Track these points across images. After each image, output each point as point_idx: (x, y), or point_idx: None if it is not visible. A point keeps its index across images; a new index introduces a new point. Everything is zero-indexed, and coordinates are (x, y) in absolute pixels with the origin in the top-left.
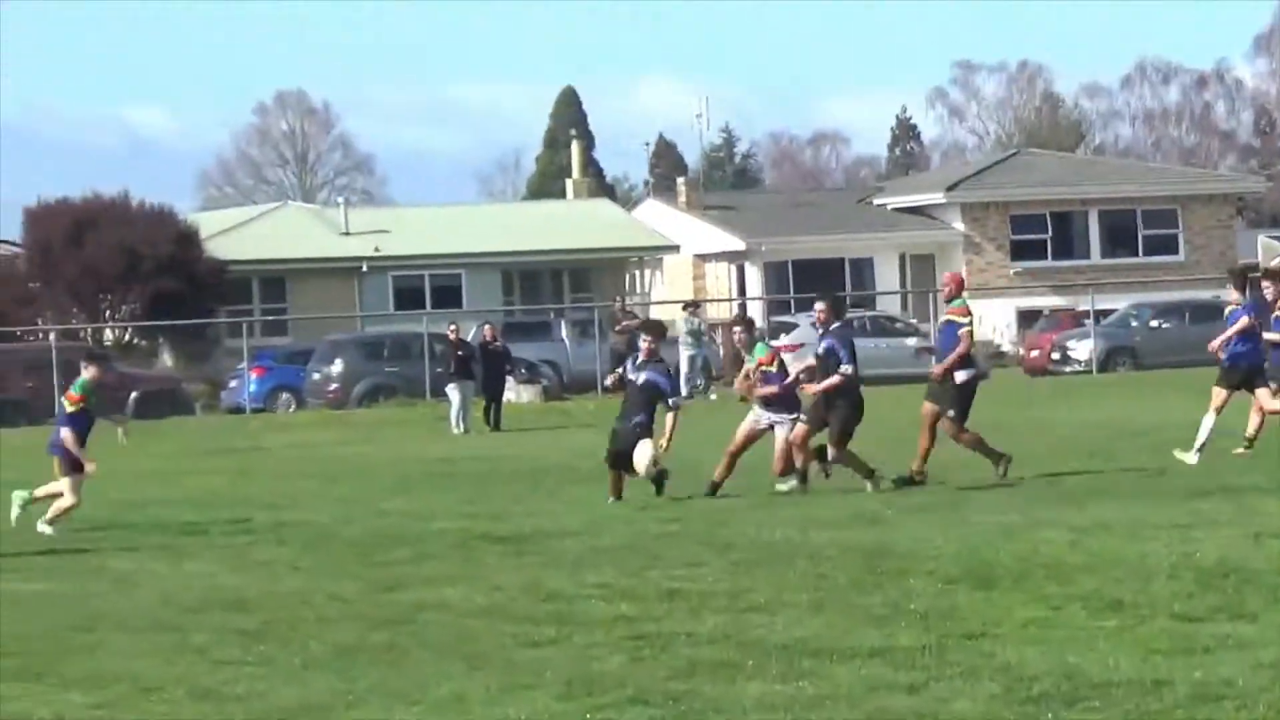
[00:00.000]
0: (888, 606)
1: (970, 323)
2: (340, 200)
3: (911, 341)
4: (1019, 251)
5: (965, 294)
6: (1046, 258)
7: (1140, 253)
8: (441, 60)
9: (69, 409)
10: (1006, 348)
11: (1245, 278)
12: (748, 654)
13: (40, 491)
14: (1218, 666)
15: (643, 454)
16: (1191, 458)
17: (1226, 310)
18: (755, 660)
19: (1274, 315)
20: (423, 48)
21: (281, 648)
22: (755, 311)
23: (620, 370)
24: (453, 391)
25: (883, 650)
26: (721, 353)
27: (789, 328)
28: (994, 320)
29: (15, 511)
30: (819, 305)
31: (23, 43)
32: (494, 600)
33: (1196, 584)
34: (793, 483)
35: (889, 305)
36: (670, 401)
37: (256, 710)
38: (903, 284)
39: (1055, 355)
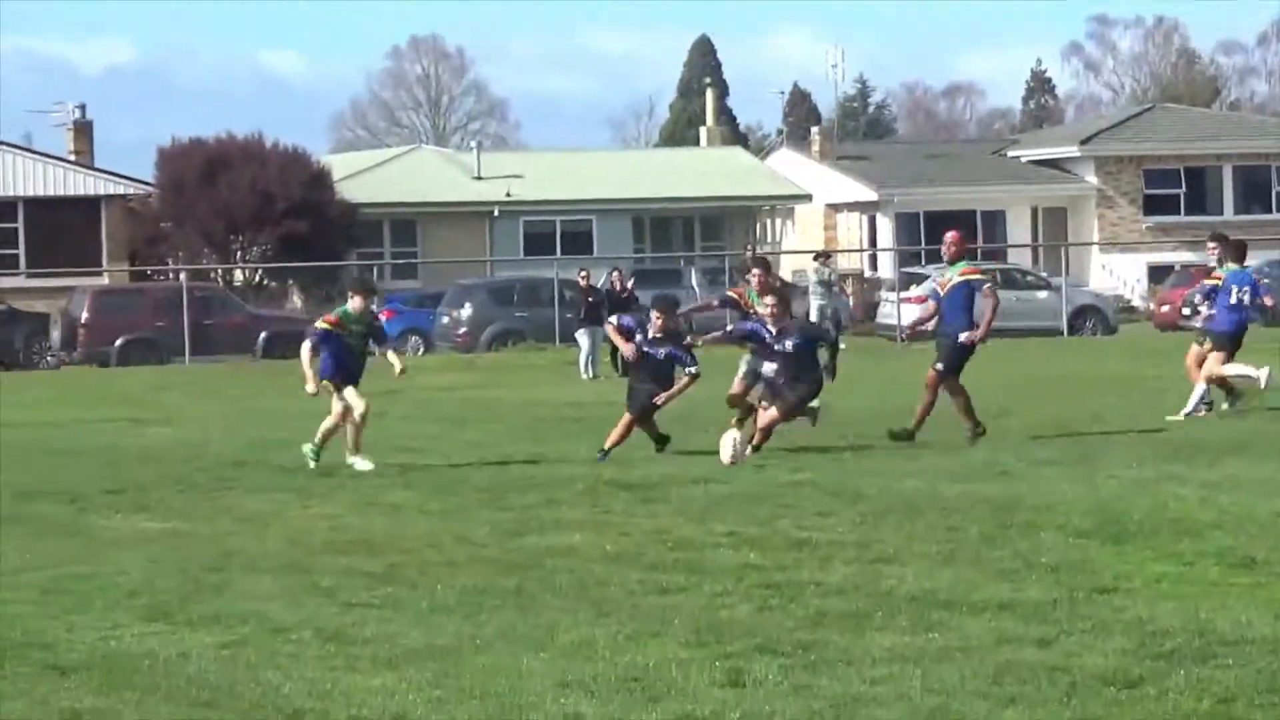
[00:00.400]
0: (1018, 560)
1: (991, 281)
2: (473, 145)
3: (1043, 295)
4: (1152, 206)
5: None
6: (1179, 213)
7: (1275, 209)
8: (574, 7)
9: (318, 325)
10: (1137, 303)
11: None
12: (877, 605)
13: (320, 435)
14: None
15: (724, 447)
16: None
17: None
18: (884, 611)
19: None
20: None
21: (409, 590)
22: (886, 262)
23: (639, 344)
24: (582, 337)
25: (1012, 603)
26: (852, 304)
27: (919, 279)
28: (1125, 275)
29: (312, 463)
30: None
31: None
32: (622, 547)
33: None
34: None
35: (1020, 258)
36: (690, 371)
37: (384, 652)
38: (1034, 237)
39: (1185, 311)
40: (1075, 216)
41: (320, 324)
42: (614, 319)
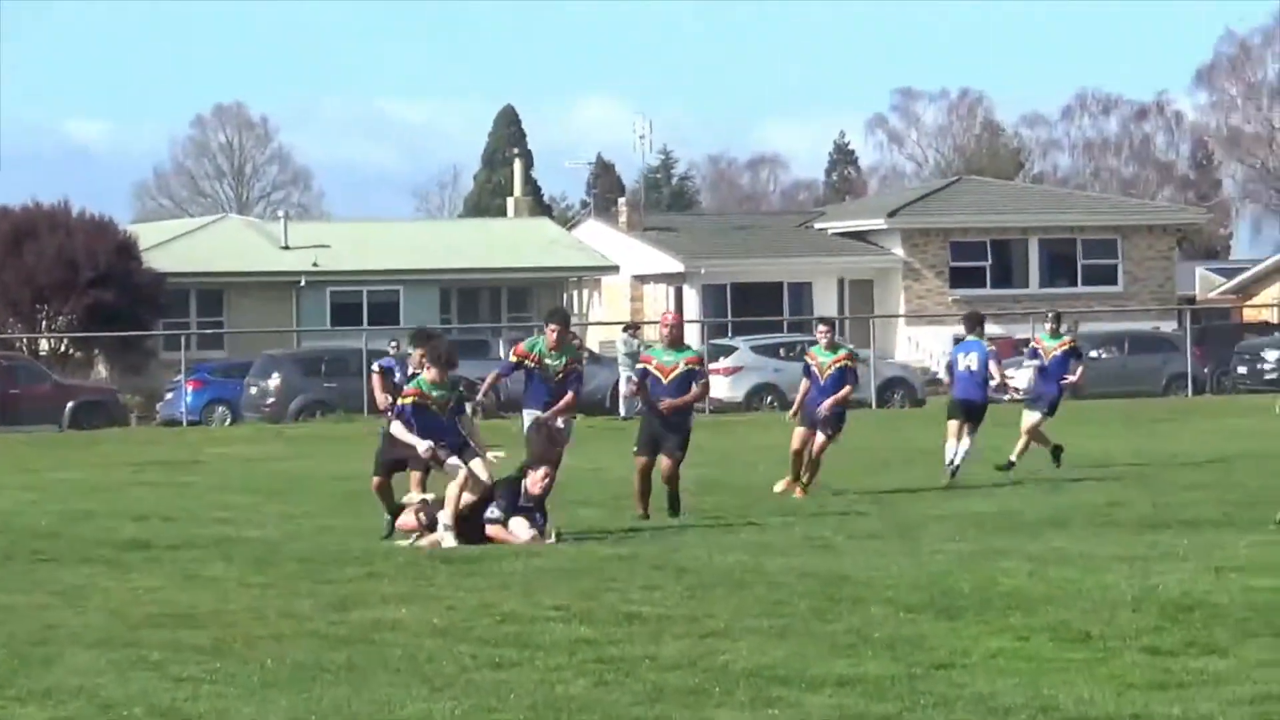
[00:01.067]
0: (851, 634)
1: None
2: (280, 214)
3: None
4: (958, 279)
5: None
6: (985, 285)
7: (1079, 282)
8: (378, 77)
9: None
10: (943, 375)
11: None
12: (714, 680)
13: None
14: (1196, 702)
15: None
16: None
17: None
18: (722, 687)
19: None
20: (360, 65)
21: (239, 665)
22: (694, 334)
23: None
24: None
25: (852, 679)
26: None
27: (728, 351)
28: (931, 347)
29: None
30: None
31: None
32: (450, 620)
33: (1162, 617)
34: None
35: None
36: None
37: None
38: (841, 309)
39: (994, 384)
40: (881, 288)
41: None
42: (375, 364)
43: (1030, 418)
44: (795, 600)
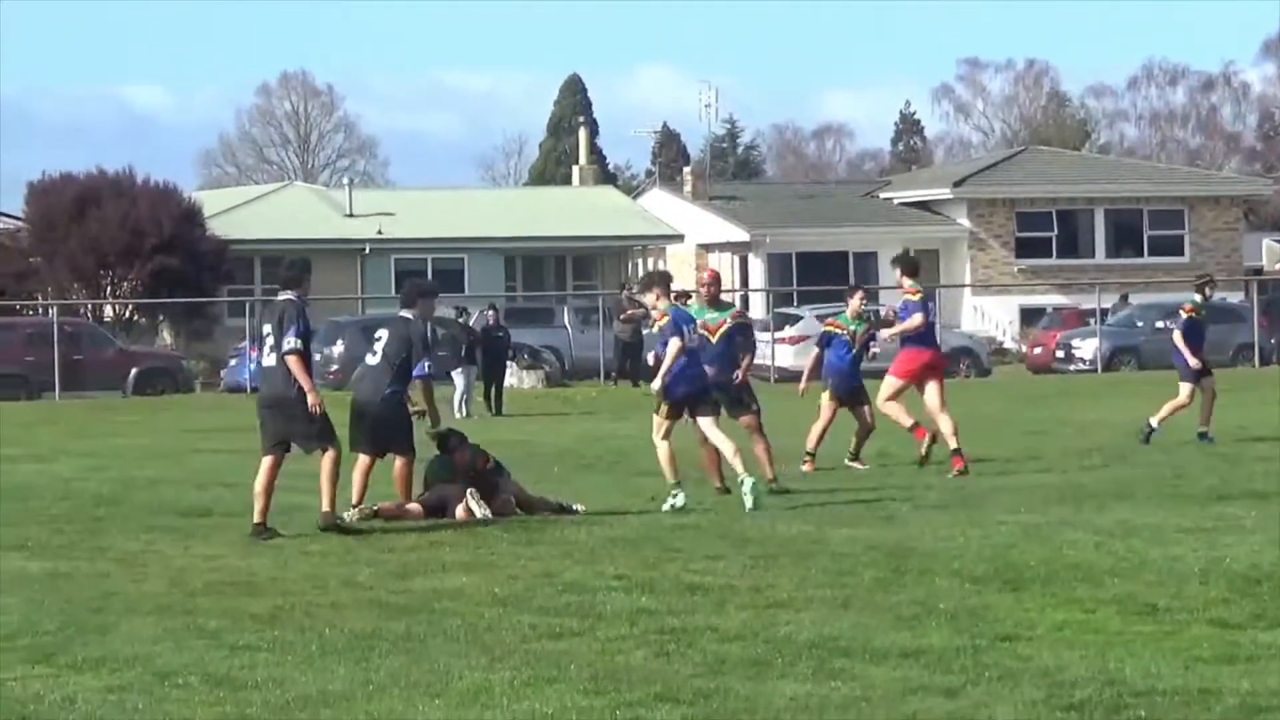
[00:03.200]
0: (915, 606)
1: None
2: (345, 182)
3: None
4: (1024, 249)
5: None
6: (1051, 255)
7: (1145, 253)
8: (443, 47)
9: None
10: (1009, 345)
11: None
12: (776, 651)
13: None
14: (1265, 677)
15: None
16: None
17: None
18: (785, 658)
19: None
20: (425, 35)
21: (297, 634)
22: (758, 303)
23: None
24: (458, 376)
25: (915, 651)
26: None
27: (792, 320)
28: (997, 317)
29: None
30: None
31: (21, 21)
32: (511, 590)
33: (1230, 590)
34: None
35: (893, 300)
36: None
37: (275, 698)
38: None
39: (1059, 353)
40: (947, 258)
41: None
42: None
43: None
44: (859, 571)
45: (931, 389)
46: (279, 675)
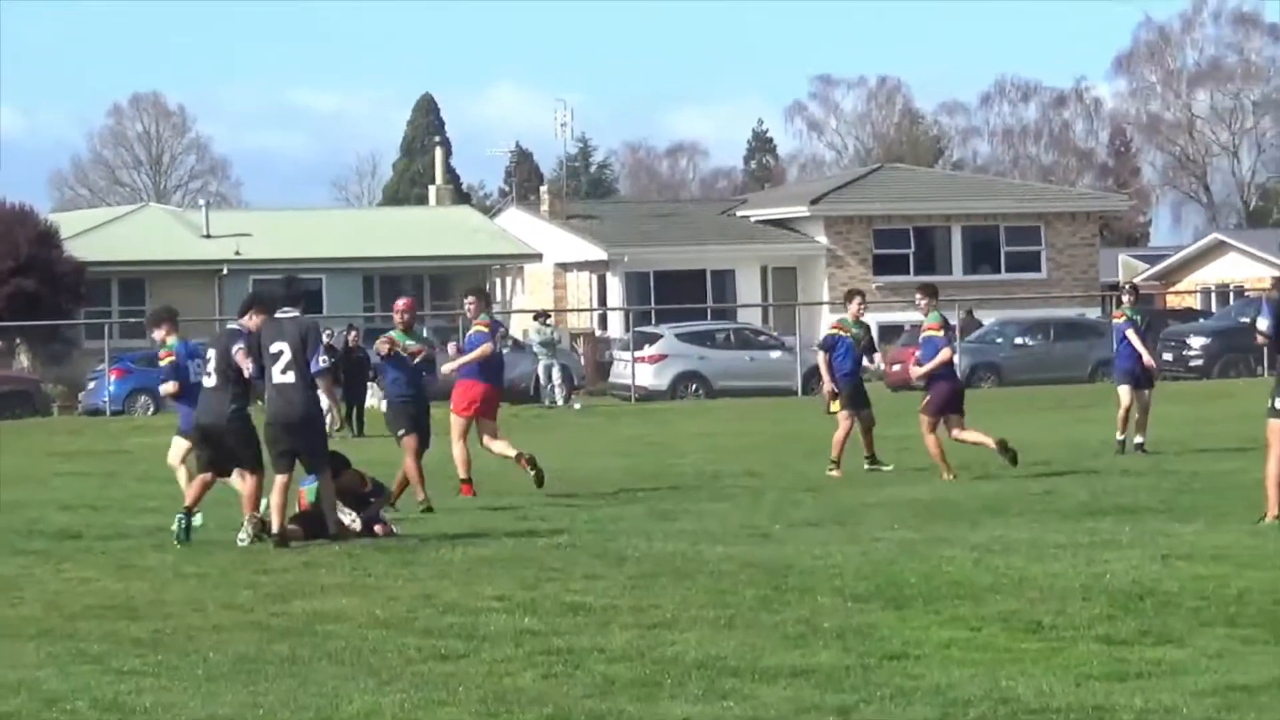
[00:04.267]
0: (800, 624)
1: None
2: (201, 203)
3: (775, 355)
4: (882, 266)
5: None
6: (909, 272)
7: (1003, 269)
8: (292, 66)
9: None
10: (866, 363)
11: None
12: (664, 671)
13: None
14: (1157, 693)
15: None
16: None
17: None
18: (673, 678)
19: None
20: (270, 54)
21: (181, 658)
22: (616, 321)
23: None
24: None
25: (804, 670)
26: (583, 362)
27: (652, 339)
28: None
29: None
30: None
31: None
32: (392, 611)
33: (1113, 606)
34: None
35: (750, 318)
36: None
37: None
38: (764, 297)
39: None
40: (805, 276)
41: None
42: None
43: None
44: (740, 590)
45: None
46: (167, 700)
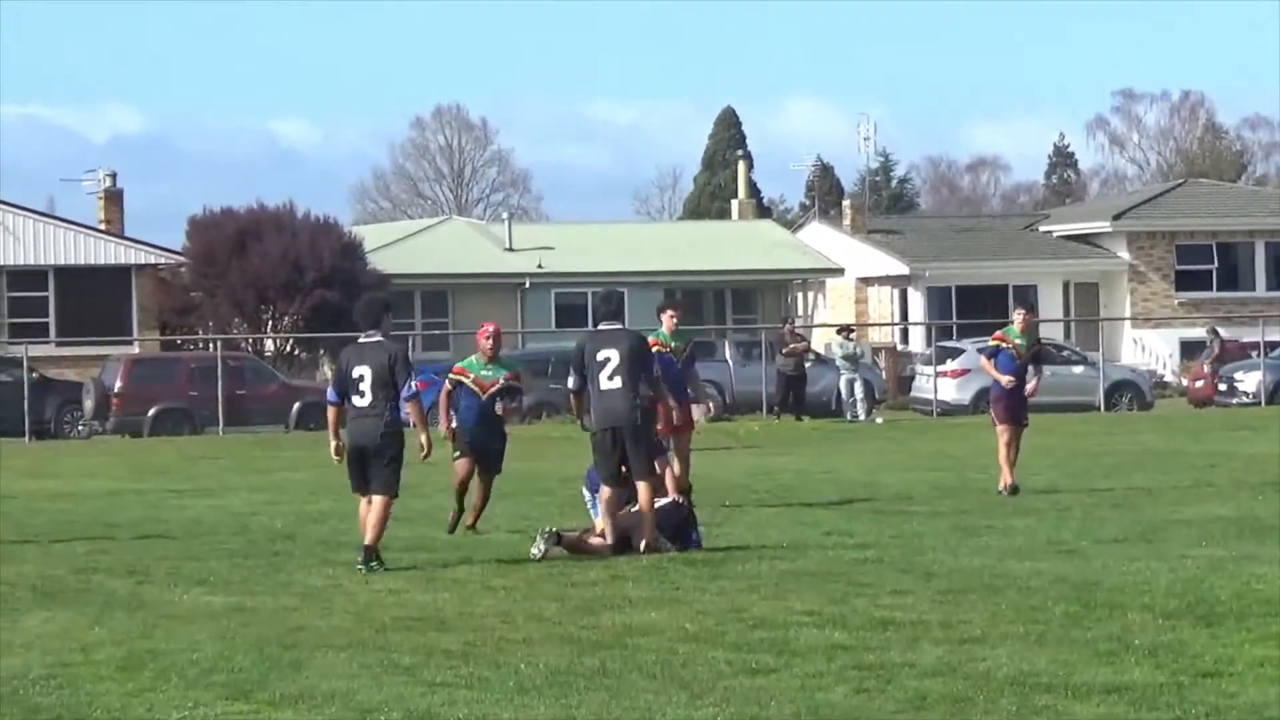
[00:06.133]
0: (1111, 641)
1: None
2: (504, 216)
3: (1079, 370)
4: (1183, 282)
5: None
6: (1212, 288)
7: None
8: (592, 79)
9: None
10: (1169, 378)
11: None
12: (976, 688)
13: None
14: None
15: None
16: None
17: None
18: (986, 695)
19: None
20: (573, 67)
21: (492, 669)
22: (918, 336)
23: None
24: None
25: (1118, 687)
26: (885, 377)
27: (954, 353)
28: (1157, 350)
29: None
30: None
31: (167, 53)
32: (702, 625)
33: None
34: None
35: (1053, 333)
36: None
37: None
38: (1066, 312)
39: (1222, 386)
40: (1107, 291)
41: None
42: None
43: None
44: (1050, 606)
45: None
46: (480, 712)
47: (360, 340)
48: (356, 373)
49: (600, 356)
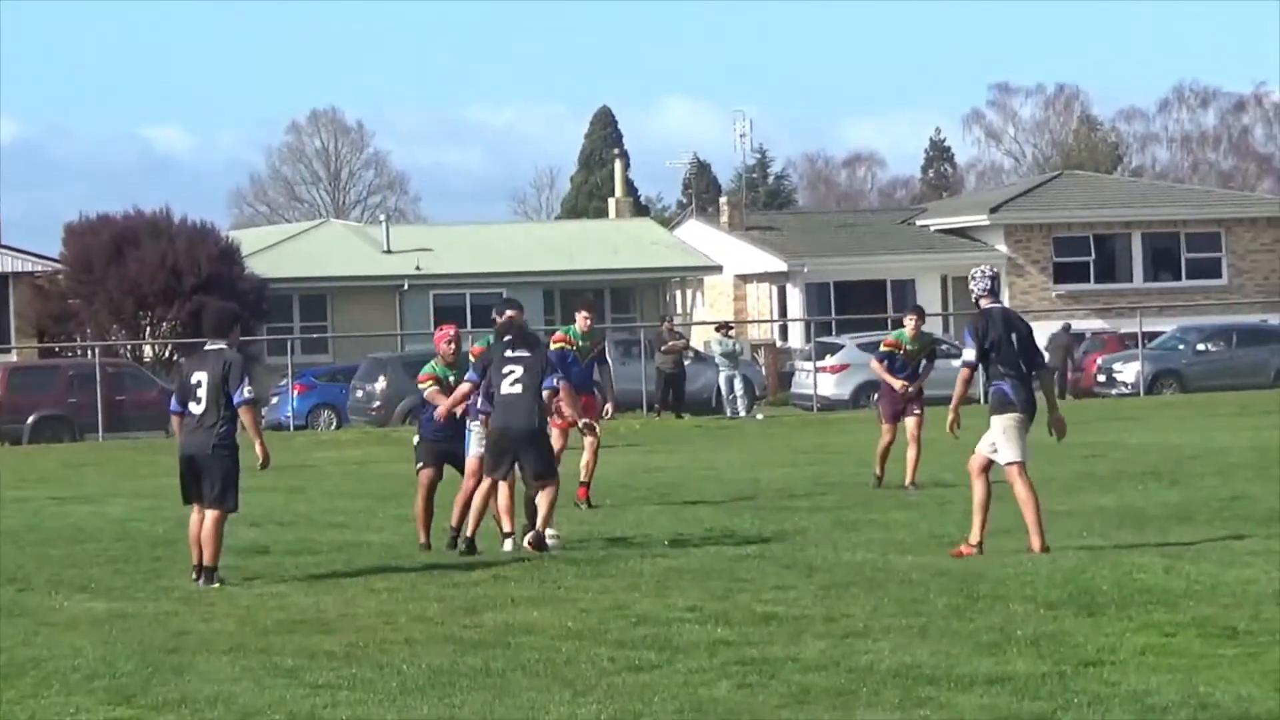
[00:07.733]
0: (993, 632)
1: None
2: (382, 218)
3: (958, 363)
4: (1062, 274)
5: None
6: (1089, 280)
7: (1184, 276)
8: (463, 82)
9: None
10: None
11: None
12: (859, 681)
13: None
14: None
15: None
16: None
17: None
18: (869, 687)
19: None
20: (447, 69)
21: (375, 671)
22: (797, 332)
23: None
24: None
25: (1000, 678)
26: (765, 373)
27: (833, 349)
28: (1037, 342)
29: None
30: None
31: (38, 60)
32: (584, 623)
33: None
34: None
35: (932, 327)
36: None
37: None
38: (945, 306)
39: (1101, 378)
40: None
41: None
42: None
43: None
44: (932, 598)
45: None
46: (363, 714)
47: (205, 348)
48: (195, 379)
49: (505, 370)
